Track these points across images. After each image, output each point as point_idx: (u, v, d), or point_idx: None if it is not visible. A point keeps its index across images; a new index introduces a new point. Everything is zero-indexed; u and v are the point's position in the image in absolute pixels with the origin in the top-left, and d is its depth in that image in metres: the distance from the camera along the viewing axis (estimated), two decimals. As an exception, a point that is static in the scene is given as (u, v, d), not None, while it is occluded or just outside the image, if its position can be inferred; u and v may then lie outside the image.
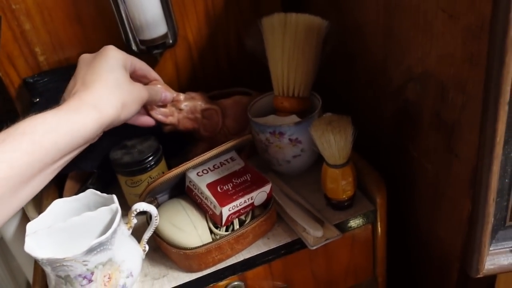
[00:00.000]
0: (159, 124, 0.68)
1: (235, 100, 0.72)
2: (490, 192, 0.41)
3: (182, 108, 0.67)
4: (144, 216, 0.63)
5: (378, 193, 0.64)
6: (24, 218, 0.84)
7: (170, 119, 0.66)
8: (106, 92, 0.52)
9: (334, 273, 0.68)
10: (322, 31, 0.67)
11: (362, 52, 0.71)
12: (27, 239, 0.52)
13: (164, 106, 0.67)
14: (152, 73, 0.65)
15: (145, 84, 0.63)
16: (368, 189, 0.65)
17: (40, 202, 0.72)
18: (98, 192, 0.57)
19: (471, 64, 0.50)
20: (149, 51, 0.73)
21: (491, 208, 0.42)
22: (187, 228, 0.59)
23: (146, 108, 0.64)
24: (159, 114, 0.65)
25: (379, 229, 0.66)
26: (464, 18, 0.49)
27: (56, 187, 0.75)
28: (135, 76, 0.61)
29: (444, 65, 0.55)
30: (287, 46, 0.66)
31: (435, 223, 0.65)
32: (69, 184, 0.72)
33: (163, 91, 0.65)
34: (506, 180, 0.42)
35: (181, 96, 0.68)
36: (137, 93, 0.57)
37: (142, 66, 0.63)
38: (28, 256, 0.82)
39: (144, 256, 0.59)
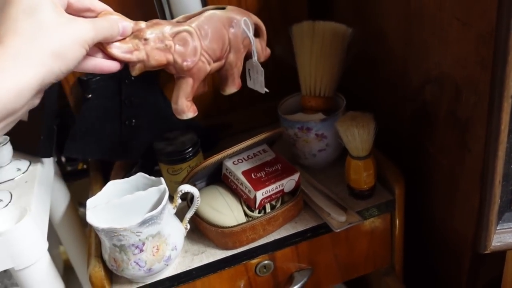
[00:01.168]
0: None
1: (207, 16, 0.57)
2: (496, 175, 0.47)
3: (147, 37, 0.51)
4: (184, 202, 0.70)
5: (396, 185, 0.70)
6: (71, 205, 0.92)
7: (137, 54, 0.51)
8: (23, 47, 0.40)
9: (354, 259, 0.74)
10: (346, 38, 0.74)
11: (383, 56, 0.77)
12: (88, 212, 0.59)
13: (124, 40, 0.51)
14: (96, 3, 0.49)
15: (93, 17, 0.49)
16: (387, 181, 0.71)
17: (89, 187, 0.80)
18: (147, 175, 0.65)
19: (482, 67, 0.56)
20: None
21: (497, 190, 0.48)
22: (224, 210, 0.66)
23: (104, 48, 0.49)
24: (121, 51, 0.50)
25: (397, 218, 0.72)
26: (476, 25, 0.55)
27: (102, 175, 0.83)
28: (73, 11, 0.47)
29: (459, 68, 0.62)
30: (315, 51, 0.73)
31: (450, 214, 0.71)
32: (114, 172, 0.80)
33: (120, 21, 0.50)
34: (511, 166, 0.48)
35: (142, 24, 0.52)
36: (75, 34, 0.43)
37: None
38: (73, 239, 0.90)
39: (185, 234, 0.66)
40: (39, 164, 0.77)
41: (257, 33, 0.64)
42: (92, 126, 0.78)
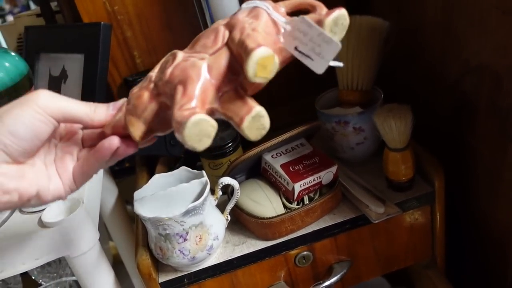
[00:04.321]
0: None
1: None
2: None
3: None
4: (225, 196, 0.73)
5: (436, 176, 0.69)
6: (120, 201, 0.97)
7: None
8: None
9: (394, 252, 0.74)
10: (383, 31, 0.74)
11: (420, 48, 0.77)
12: (135, 203, 0.63)
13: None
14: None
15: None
16: (427, 173, 0.71)
17: (136, 181, 0.84)
18: (189, 169, 0.68)
19: (522, 54, 0.55)
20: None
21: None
22: (264, 202, 0.68)
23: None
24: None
25: (438, 211, 0.72)
26: (515, 12, 0.55)
27: (148, 171, 0.87)
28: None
29: (498, 57, 0.61)
30: (352, 44, 0.74)
31: (493, 205, 0.70)
32: (159, 167, 0.84)
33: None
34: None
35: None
36: None
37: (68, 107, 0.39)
38: (121, 233, 0.95)
39: (226, 225, 0.69)
40: (90, 160, 0.82)
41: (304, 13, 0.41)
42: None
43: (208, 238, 0.63)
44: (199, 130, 0.33)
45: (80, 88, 0.80)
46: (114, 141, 0.39)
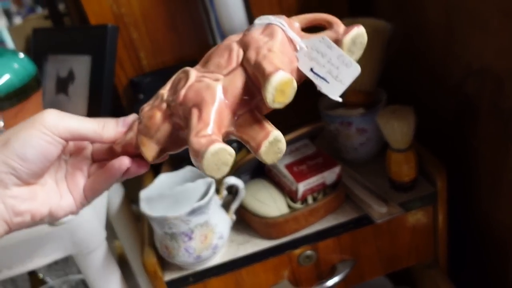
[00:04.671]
0: None
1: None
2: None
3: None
4: (231, 196, 0.74)
5: (439, 177, 0.70)
6: (125, 200, 0.98)
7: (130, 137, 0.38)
8: None
9: (397, 251, 0.75)
10: (386, 33, 0.75)
11: (423, 50, 0.78)
12: (141, 202, 0.64)
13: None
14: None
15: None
16: (429, 173, 0.72)
17: (141, 181, 0.86)
18: (195, 168, 0.69)
19: (524, 57, 0.56)
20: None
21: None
22: (268, 202, 0.69)
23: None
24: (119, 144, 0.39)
25: (440, 211, 0.72)
26: (517, 15, 0.55)
27: (153, 169, 0.88)
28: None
29: (500, 59, 0.62)
30: (355, 47, 0.75)
31: (495, 206, 0.71)
32: (165, 167, 0.85)
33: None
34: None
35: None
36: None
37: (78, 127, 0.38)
38: (127, 232, 0.96)
39: (232, 224, 0.70)
40: (97, 160, 0.83)
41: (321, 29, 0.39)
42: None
43: (213, 237, 0.64)
44: (217, 160, 0.32)
45: (87, 89, 0.82)
46: (124, 162, 0.38)
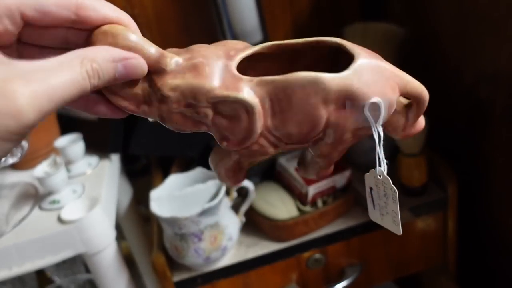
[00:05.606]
0: None
1: (295, 80, 0.28)
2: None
3: (166, 94, 0.29)
4: (240, 198, 0.74)
5: (449, 183, 0.70)
6: (134, 200, 0.99)
7: (144, 110, 0.31)
8: None
9: (406, 256, 0.75)
10: (398, 38, 0.74)
11: (436, 55, 0.78)
12: (152, 203, 0.64)
13: (135, 82, 0.29)
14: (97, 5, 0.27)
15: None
16: (440, 178, 0.71)
17: (151, 182, 0.86)
18: (205, 169, 0.69)
19: (538, 62, 0.56)
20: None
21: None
22: (278, 204, 0.69)
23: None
24: (123, 99, 0.30)
25: (450, 217, 0.72)
26: (531, 21, 0.55)
27: (163, 171, 0.88)
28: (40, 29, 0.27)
29: (514, 64, 0.61)
30: (367, 51, 0.75)
31: (506, 212, 0.70)
32: (174, 168, 0.85)
33: (133, 58, 0.27)
34: None
35: (168, 64, 0.29)
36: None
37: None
38: (135, 233, 0.96)
39: (241, 226, 0.69)
40: (107, 160, 0.84)
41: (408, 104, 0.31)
42: (154, 125, 0.84)
43: (223, 239, 0.64)
44: None
45: (100, 89, 0.82)
46: (105, 113, 0.30)
